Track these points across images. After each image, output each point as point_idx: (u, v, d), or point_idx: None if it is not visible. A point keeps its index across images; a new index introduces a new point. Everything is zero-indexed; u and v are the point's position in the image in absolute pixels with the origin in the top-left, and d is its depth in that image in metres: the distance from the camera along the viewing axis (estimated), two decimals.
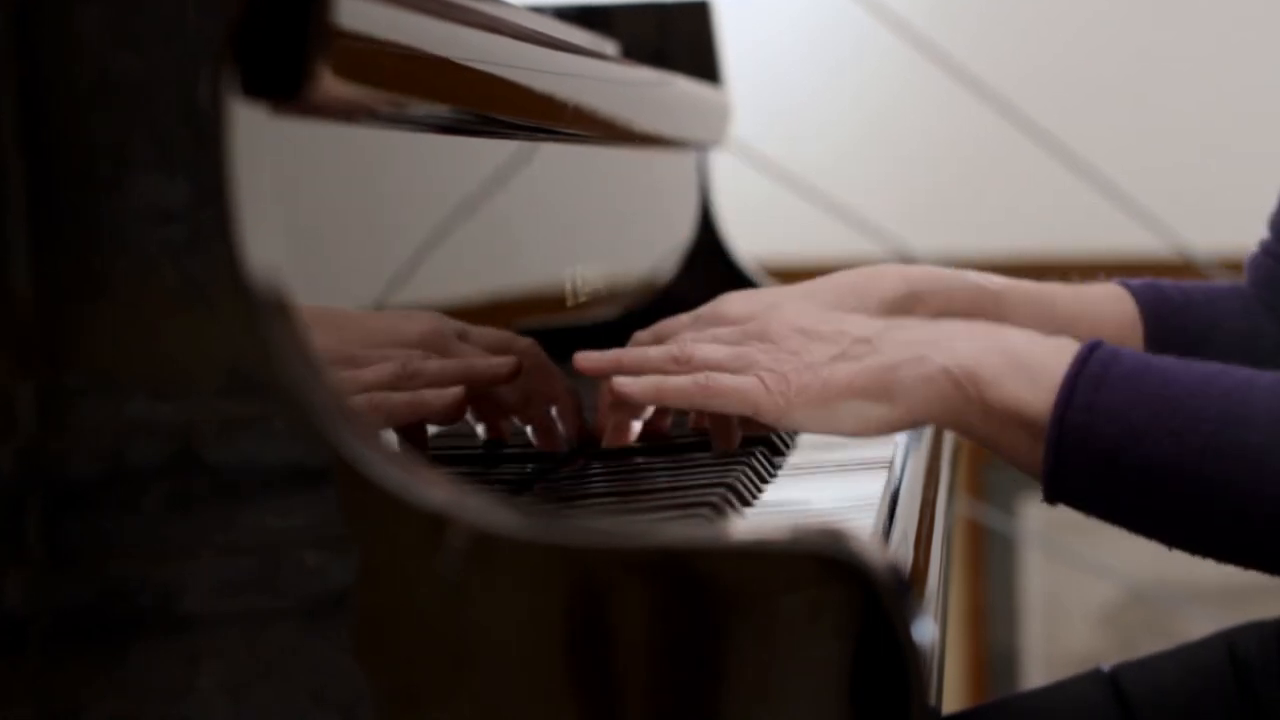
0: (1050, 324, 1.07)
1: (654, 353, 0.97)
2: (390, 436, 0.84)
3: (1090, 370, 0.85)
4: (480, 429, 1.01)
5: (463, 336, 0.93)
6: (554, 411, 1.03)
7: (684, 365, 0.95)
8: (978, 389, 0.87)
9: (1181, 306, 1.13)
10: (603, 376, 0.98)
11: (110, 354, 0.66)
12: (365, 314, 0.85)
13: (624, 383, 0.95)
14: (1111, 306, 1.13)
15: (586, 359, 0.98)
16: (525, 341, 1.01)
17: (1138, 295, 1.13)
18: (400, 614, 0.65)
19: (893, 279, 1.08)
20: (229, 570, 0.65)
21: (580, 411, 1.05)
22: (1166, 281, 1.15)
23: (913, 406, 0.88)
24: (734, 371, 0.93)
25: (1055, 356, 0.86)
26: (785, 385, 0.91)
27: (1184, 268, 2.18)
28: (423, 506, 0.65)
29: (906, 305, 1.07)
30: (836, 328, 0.93)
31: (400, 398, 0.85)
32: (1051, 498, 0.86)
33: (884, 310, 1.05)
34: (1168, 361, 0.86)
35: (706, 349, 0.96)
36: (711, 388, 0.93)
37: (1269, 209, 1.17)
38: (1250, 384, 0.84)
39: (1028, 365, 0.87)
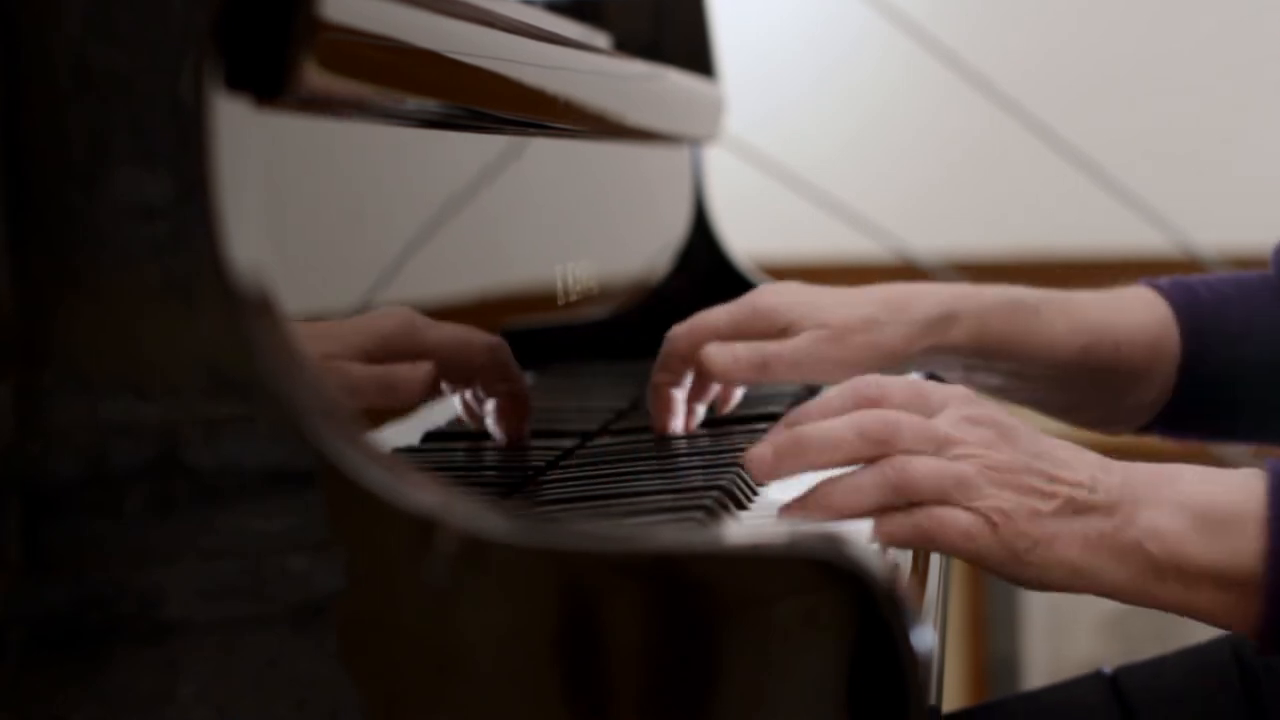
0: (1085, 334, 1.09)
1: (866, 476, 0.84)
2: (377, 438, 0.83)
3: None
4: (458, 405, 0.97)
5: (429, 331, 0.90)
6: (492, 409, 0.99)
7: (900, 481, 0.82)
8: (1174, 563, 0.82)
9: (1213, 304, 1.12)
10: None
11: (90, 353, 0.65)
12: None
13: (835, 502, 0.83)
14: (1145, 312, 1.12)
15: (759, 460, 0.85)
16: (485, 340, 0.97)
17: (1169, 296, 1.12)
18: (387, 620, 0.65)
19: (929, 300, 1.07)
20: (212, 575, 0.65)
21: (522, 419, 0.99)
22: (1194, 278, 1.14)
23: (1102, 587, 0.83)
24: (951, 495, 0.82)
25: (1243, 497, 0.83)
26: (1013, 532, 0.82)
27: (1189, 265, 2.17)
28: (410, 510, 0.64)
29: (943, 326, 1.07)
30: (1038, 449, 0.84)
31: (370, 374, 0.82)
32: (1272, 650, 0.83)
33: (921, 329, 1.06)
34: None
35: (922, 466, 0.82)
36: (932, 531, 0.82)
37: (1274, 206, 1.16)
38: None
39: (1216, 519, 0.83)
